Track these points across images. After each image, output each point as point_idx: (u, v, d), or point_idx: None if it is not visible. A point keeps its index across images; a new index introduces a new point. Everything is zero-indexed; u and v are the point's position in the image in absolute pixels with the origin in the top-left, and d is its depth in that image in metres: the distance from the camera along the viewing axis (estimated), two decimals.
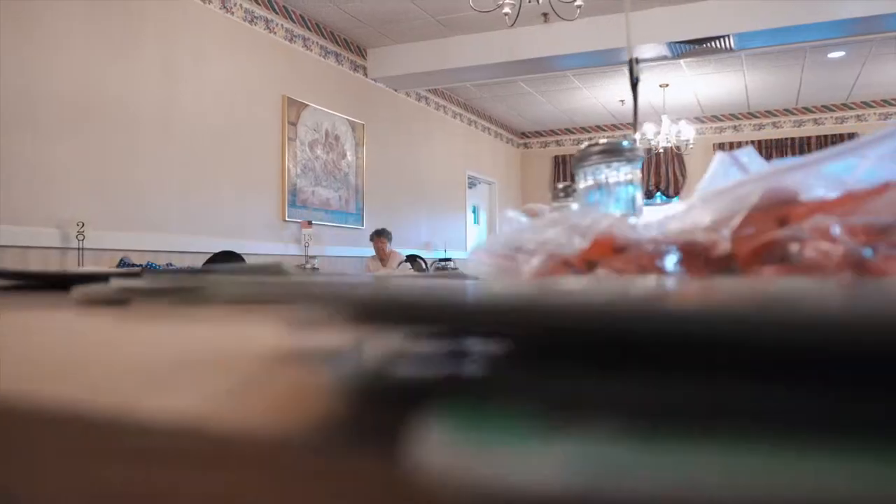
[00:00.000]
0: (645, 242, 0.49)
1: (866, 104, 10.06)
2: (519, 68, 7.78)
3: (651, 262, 0.48)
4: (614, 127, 11.24)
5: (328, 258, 6.92)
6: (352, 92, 7.44)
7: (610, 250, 0.51)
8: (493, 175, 10.82)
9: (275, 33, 6.32)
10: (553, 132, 11.74)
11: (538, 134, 11.85)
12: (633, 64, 0.88)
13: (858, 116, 10.16)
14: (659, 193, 11.05)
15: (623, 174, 0.84)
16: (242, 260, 5.30)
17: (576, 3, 4.28)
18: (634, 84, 0.89)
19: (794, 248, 0.38)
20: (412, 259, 6.45)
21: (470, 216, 10.45)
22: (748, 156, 0.64)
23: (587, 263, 0.52)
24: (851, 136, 10.08)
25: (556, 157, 11.67)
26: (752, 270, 0.41)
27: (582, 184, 0.85)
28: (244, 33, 5.98)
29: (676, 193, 10.93)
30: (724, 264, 0.45)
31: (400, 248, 7.22)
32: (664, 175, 10.95)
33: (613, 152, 0.83)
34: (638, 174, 0.85)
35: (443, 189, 9.30)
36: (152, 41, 5.03)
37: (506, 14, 4.33)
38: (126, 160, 4.76)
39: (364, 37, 7.40)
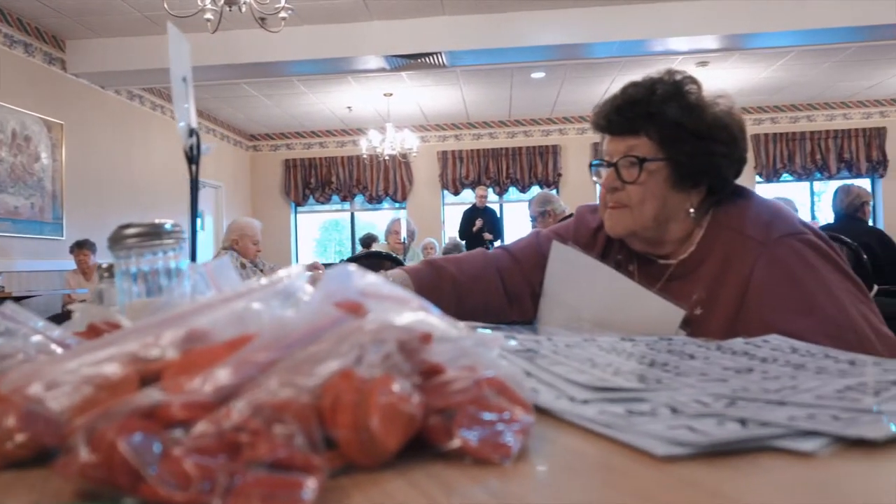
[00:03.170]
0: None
1: (567, 119, 11.21)
2: (241, 71, 7.54)
3: (23, 423, 0.43)
4: (343, 132, 11.36)
5: (17, 273, 6.14)
6: (46, 87, 6.67)
7: None
8: (219, 178, 10.38)
9: None
10: (283, 135, 11.56)
11: (268, 137, 11.61)
12: (192, 134, 0.83)
13: (560, 130, 11.30)
14: (388, 198, 11.37)
15: (164, 259, 0.79)
16: None
17: (280, 15, 4.21)
18: (192, 159, 0.85)
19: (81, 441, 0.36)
20: None
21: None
22: (222, 269, 0.63)
23: None
24: (555, 147, 11.17)
25: (286, 161, 11.51)
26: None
27: (120, 267, 0.79)
28: None
29: (404, 198, 11.32)
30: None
31: (109, 260, 6.63)
32: (392, 181, 11.29)
33: (152, 235, 0.78)
34: (182, 256, 0.81)
35: (162, 193, 8.71)
36: None
37: (207, 20, 4.13)
38: None
39: (61, 27, 6.68)
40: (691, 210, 1.27)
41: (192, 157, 0.86)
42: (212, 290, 0.59)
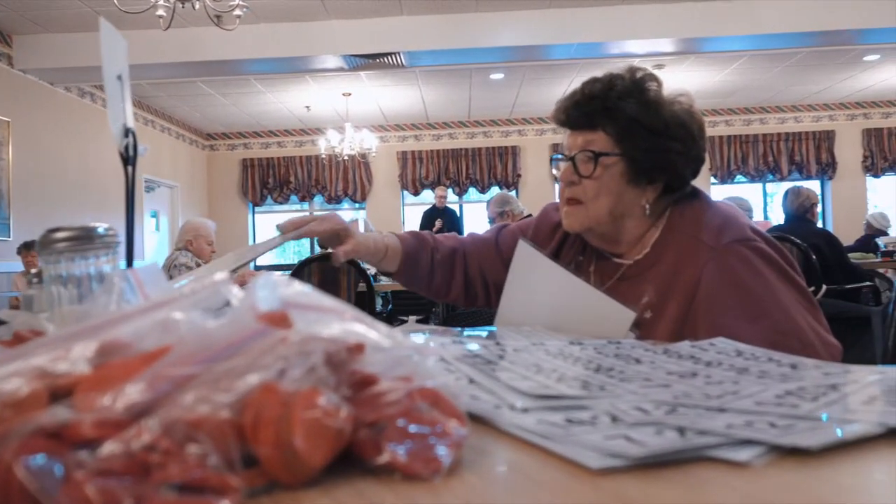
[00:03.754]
0: None
1: (526, 121, 11.28)
2: (196, 70, 7.42)
3: None
4: (302, 132, 11.25)
5: None
6: None
7: None
8: (174, 178, 10.19)
9: None
10: (241, 135, 11.41)
11: (225, 136, 11.44)
12: (127, 134, 0.80)
13: (519, 131, 11.36)
14: (348, 198, 11.29)
15: (97, 264, 0.76)
16: None
17: (235, 13, 4.15)
18: (128, 161, 0.82)
19: None
20: None
21: (150, 222, 9.74)
22: (151, 274, 0.60)
23: None
24: (514, 148, 11.22)
25: (244, 160, 11.35)
26: None
27: (49, 273, 0.76)
28: None
29: (363, 199, 11.26)
30: None
31: None
32: (351, 181, 11.22)
33: (84, 239, 0.75)
34: (115, 261, 0.78)
35: (113, 193, 8.49)
36: None
37: (160, 16, 4.05)
38: None
39: (8, 22, 6.49)
40: (647, 206, 1.28)
41: (128, 159, 0.82)
42: (140, 297, 0.56)
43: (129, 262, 0.84)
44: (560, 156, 1.33)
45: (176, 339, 0.42)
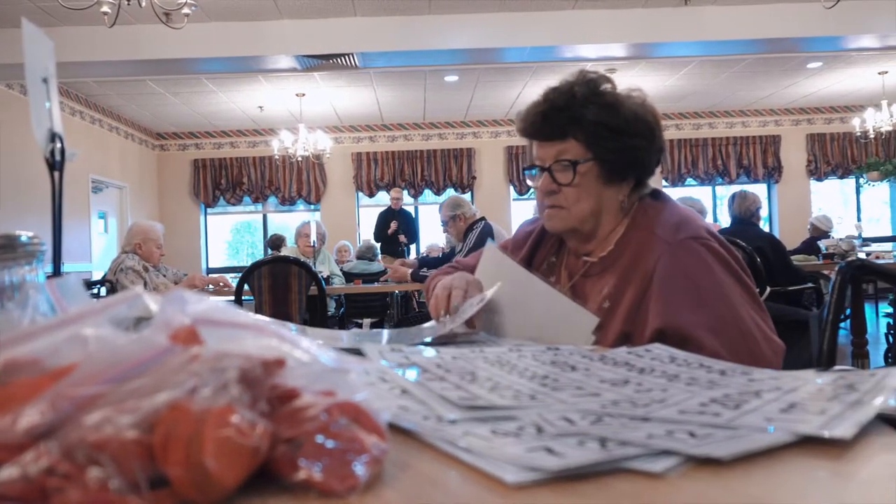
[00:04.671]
0: None
1: (481, 123, 11.31)
2: (144, 68, 7.26)
3: None
4: (255, 132, 11.11)
5: None
6: None
7: None
8: (123, 178, 9.95)
9: None
10: (192, 135, 11.19)
11: (176, 136, 11.21)
12: (54, 138, 0.78)
13: (474, 133, 11.39)
14: (302, 199, 11.18)
15: (19, 273, 0.74)
16: None
17: (183, 11, 4.07)
18: (55, 166, 0.79)
19: None
20: None
21: (97, 224, 9.49)
22: (70, 287, 0.59)
23: None
24: (469, 150, 11.25)
25: (195, 161, 11.15)
26: None
27: None
28: None
29: (318, 200, 11.16)
30: None
31: None
32: (305, 182, 11.11)
33: (5, 248, 0.73)
34: (40, 270, 0.76)
35: None
36: None
37: (104, 13, 3.95)
38: None
39: None
40: (624, 201, 1.34)
41: (55, 164, 0.80)
42: (58, 310, 0.55)
43: (57, 271, 0.82)
44: (534, 169, 1.37)
45: (83, 357, 0.40)
